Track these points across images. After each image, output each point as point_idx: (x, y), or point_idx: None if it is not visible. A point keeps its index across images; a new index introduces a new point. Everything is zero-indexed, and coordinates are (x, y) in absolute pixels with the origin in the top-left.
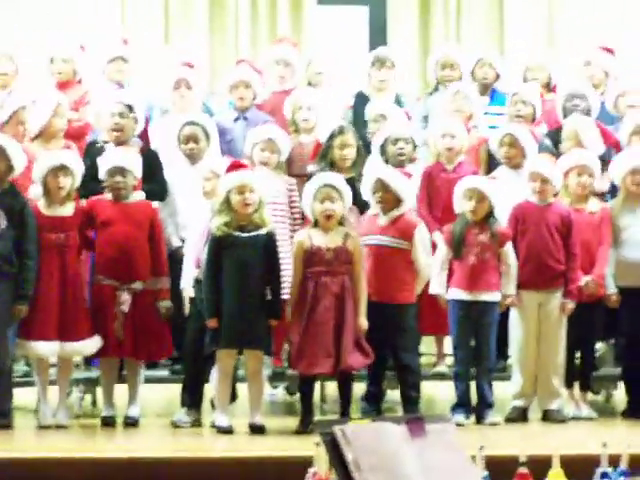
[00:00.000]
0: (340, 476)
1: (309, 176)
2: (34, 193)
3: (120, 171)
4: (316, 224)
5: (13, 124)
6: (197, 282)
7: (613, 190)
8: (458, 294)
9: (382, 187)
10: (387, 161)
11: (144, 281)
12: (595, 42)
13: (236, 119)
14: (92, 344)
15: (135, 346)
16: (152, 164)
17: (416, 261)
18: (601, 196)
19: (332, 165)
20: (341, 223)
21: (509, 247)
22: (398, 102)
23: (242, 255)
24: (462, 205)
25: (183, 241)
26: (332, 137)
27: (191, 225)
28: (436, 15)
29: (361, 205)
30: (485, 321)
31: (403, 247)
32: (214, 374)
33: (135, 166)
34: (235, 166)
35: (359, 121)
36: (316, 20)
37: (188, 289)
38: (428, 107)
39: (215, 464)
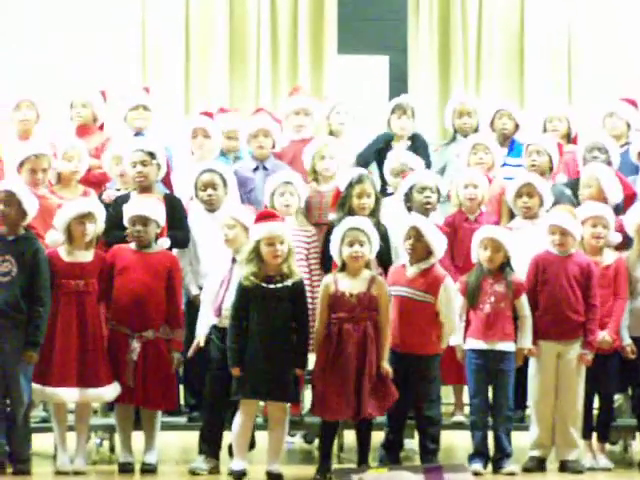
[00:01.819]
0: None
1: (330, 224)
2: (52, 240)
3: (142, 220)
4: (343, 268)
5: (26, 171)
6: (217, 330)
7: (628, 241)
8: (474, 344)
9: (415, 235)
10: (410, 209)
11: (156, 330)
12: (614, 95)
13: (255, 169)
14: (112, 390)
15: (144, 394)
16: (175, 210)
17: (441, 314)
18: (619, 248)
19: (350, 213)
20: (368, 267)
21: (524, 298)
22: (421, 143)
23: (269, 306)
24: (479, 254)
25: (201, 289)
26: (350, 186)
27: (210, 273)
28: (456, 66)
29: (379, 254)
30: (501, 370)
31: (429, 301)
32: (236, 421)
33: (158, 215)
34: (265, 215)
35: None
36: (336, 70)
37: (201, 336)
38: (445, 158)
39: None
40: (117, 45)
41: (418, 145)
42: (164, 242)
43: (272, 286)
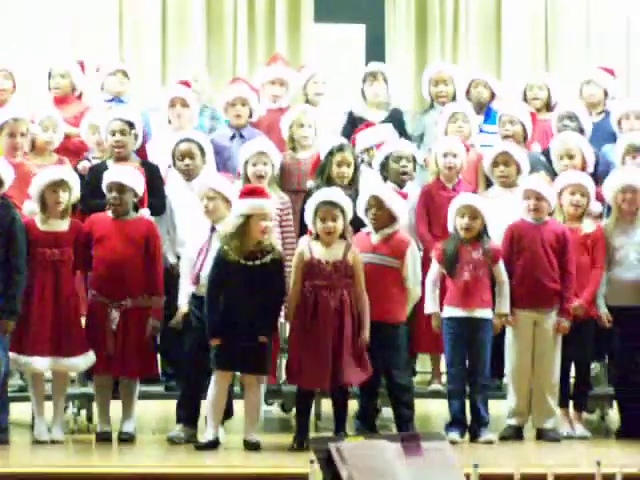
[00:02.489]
0: None
1: (307, 192)
2: (28, 209)
3: (118, 187)
4: (317, 237)
5: (4, 136)
6: (195, 298)
7: (608, 211)
8: (452, 312)
9: (376, 204)
10: (386, 178)
11: (135, 298)
12: (592, 64)
13: (232, 137)
14: (86, 360)
15: (123, 363)
16: (152, 178)
17: (406, 279)
18: (597, 217)
19: (329, 182)
20: (343, 236)
21: (501, 264)
22: (398, 118)
23: (248, 281)
24: (455, 222)
25: (179, 257)
26: (331, 154)
27: (187, 242)
28: (433, 33)
29: (356, 223)
30: (479, 338)
31: (395, 266)
32: (210, 391)
33: (136, 183)
34: (253, 191)
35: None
36: (313, 38)
37: (183, 306)
38: (422, 126)
39: None
40: (93, 13)
41: (397, 118)
42: (144, 212)
43: (250, 263)
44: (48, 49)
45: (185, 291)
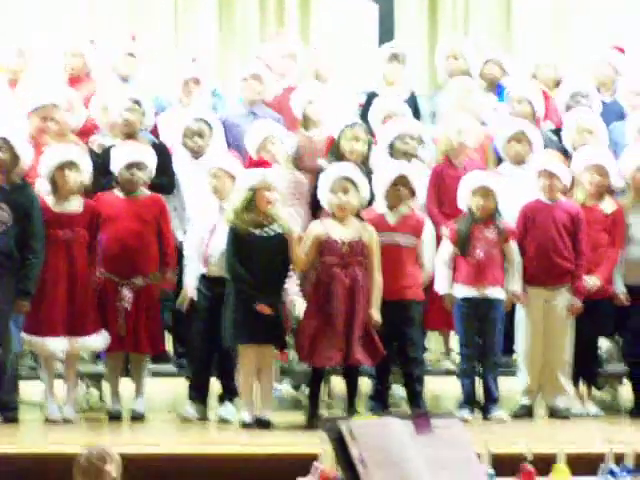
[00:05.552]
0: (346, 472)
1: (319, 170)
2: (40, 189)
3: (139, 165)
4: (333, 215)
5: (36, 116)
6: (204, 278)
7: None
8: (464, 291)
9: (402, 182)
10: (392, 156)
11: (146, 276)
12: (603, 40)
13: (245, 115)
14: (100, 339)
15: (135, 340)
16: (162, 157)
17: (421, 257)
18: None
19: (341, 159)
20: (358, 215)
21: (514, 243)
22: (413, 100)
23: (260, 252)
24: (468, 202)
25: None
26: (343, 131)
27: (195, 220)
28: (444, 11)
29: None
30: (491, 317)
31: (413, 244)
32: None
33: (151, 162)
34: (257, 163)
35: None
36: (324, 14)
37: (191, 289)
38: (435, 104)
39: (220, 458)
40: None
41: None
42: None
43: (265, 234)
44: (49, 33)
45: (193, 273)
